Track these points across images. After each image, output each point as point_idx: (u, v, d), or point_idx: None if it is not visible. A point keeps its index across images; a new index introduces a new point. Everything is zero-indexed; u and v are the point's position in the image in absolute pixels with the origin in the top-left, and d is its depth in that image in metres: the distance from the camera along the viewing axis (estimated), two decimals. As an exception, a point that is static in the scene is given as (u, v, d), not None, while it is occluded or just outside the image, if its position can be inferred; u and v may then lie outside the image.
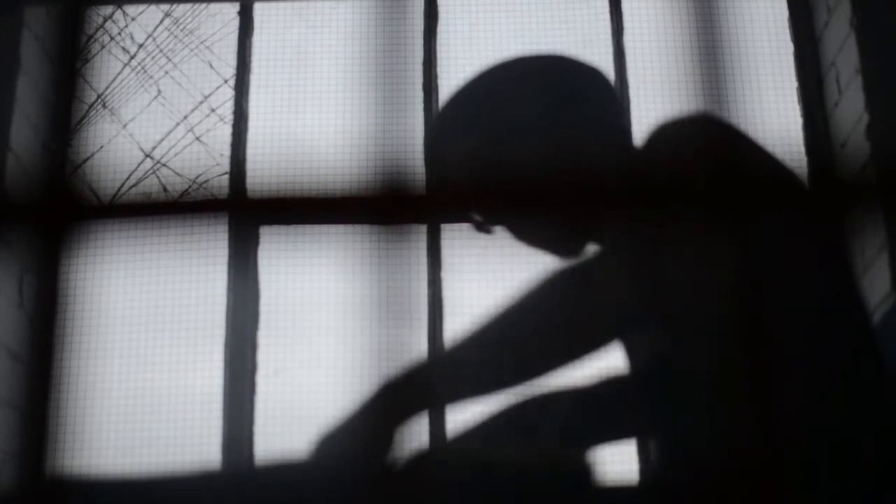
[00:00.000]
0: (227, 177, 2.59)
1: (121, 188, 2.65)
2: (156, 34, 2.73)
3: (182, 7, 2.74)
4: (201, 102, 2.66)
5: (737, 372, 0.58)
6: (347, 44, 2.65)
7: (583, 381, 1.26)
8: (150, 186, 2.61)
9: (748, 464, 0.60)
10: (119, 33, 2.72)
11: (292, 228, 2.27)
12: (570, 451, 1.18)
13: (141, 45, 2.71)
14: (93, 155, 2.63)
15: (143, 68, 2.70)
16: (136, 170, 2.63)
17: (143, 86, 2.68)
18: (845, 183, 0.57)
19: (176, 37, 2.72)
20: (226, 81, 2.66)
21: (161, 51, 2.71)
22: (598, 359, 1.14)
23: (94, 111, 2.66)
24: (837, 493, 1.00)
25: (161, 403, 2.37)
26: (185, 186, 2.63)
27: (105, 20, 2.71)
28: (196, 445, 2.35)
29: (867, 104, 2.33)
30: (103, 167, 2.62)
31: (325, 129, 2.60)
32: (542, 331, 1.12)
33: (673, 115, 1.14)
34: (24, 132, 2.46)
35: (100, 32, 2.70)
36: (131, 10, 2.73)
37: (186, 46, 2.71)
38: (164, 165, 2.65)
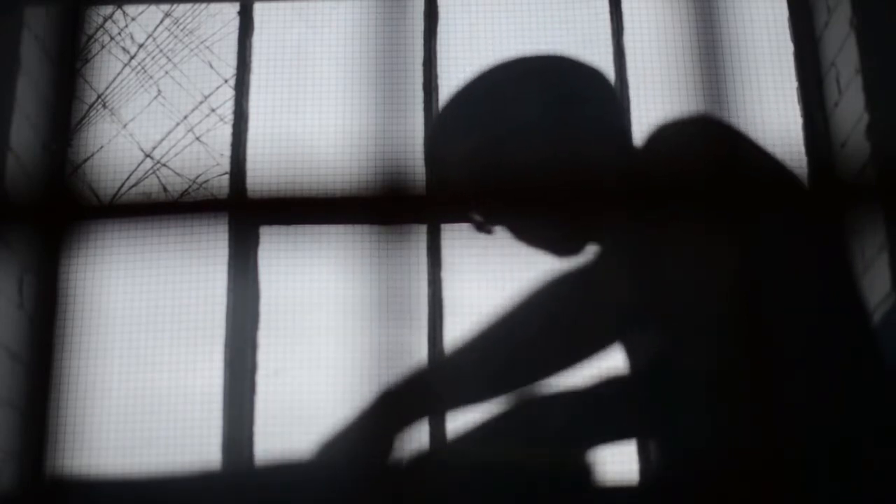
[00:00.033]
0: (227, 177, 2.59)
1: (121, 188, 2.65)
2: (156, 34, 2.72)
3: (182, 7, 2.74)
4: (201, 102, 2.66)
5: (737, 372, 0.58)
6: (347, 44, 2.65)
7: (583, 381, 1.26)
8: (150, 186, 2.61)
9: (748, 464, 0.60)
10: (119, 33, 2.72)
11: (292, 228, 2.27)
12: (570, 451, 1.18)
13: (141, 45, 2.71)
14: (93, 155, 2.63)
15: (143, 68, 2.70)
16: (136, 170, 2.63)
17: (143, 86, 2.68)
18: (845, 183, 0.57)
19: (176, 37, 2.72)
20: (226, 81, 2.66)
21: (161, 51, 2.71)
22: (599, 359, 1.14)
23: (94, 111, 2.66)
24: (837, 493, 1.00)
25: (161, 403, 2.37)
26: (185, 186, 2.63)
27: (105, 20, 2.71)
28: (196, 445, 2.35)
29: (867, 104, 2.33)
30: (103, 167, 2.62)
31: (325, 129, 2.60)
32: (544, 333, 1.12)
33: (673, 116, 1.14)
34: (24, 132, 2.46)
35: (100, 32, 2.70)
36: (131, 10, 2.73)
37: (186, 46, 2.71)
38: (164, 165, 2.65)
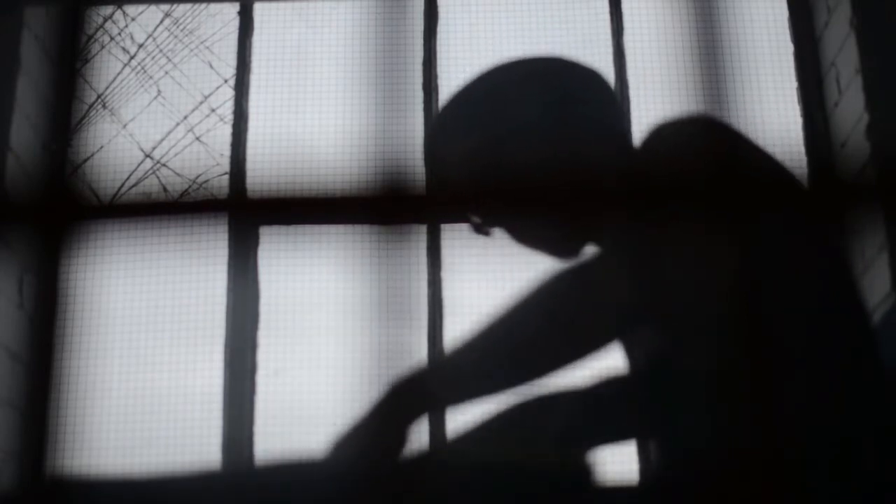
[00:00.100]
0: (227, 177, 2.59)
1: (121, 188, 2.65)
2: (156, 34, 2.72)
3: (182, 7, 2.74)
4: (201, 102, 2.66)
5: (737, 372, 0.58)
6: (347, 44, 2.65)
7: (583, 381, 1.26)
8: (150, 186, 2.61)
9: (748, 464, 0.60)
10: (119, 33, 2.72)
11: (292, 228, 2.27)
12: (570, 451, 1.18)
13: (141, 45, 2.71)
14: (93, 155, 2.63)
15: (143, 68, 2.70)
16: (136, 170, 2.63)
17: (143, 86, 2.68)
18: (845, 183, 0.57)
19: (176, 37, 2.72)
20: (226, 81, 2.66)
21: (161, 51, 2.71)
22: (599, 359, 1.14)
23: (94, 111, 2.66)
24: (837, 493, 1.00)
25: (161, 403, 2.37)
26: (185, 186, 2.63)
27: (105, 20, 2.71)
28: (196, 445, 2.35)
29: (867, 104, 2.33)
30: (103, 167, 2.62)
31: (325, 129, 2.60)
32: (543, 332, 1.12)
33: (672, 116, 1.14)
34: (24, 132, 2.46)
35: (100, 32, 2.70)
36: (131, 10, 2.73)
37: (186, 46, 2.71)
38: (164, 165, 2.65)
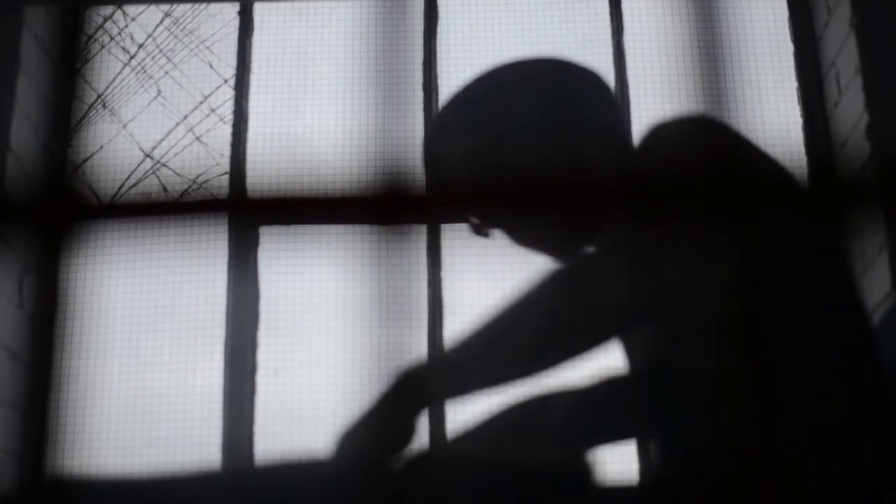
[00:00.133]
0: (227, 177, 2.59)
1: (121, 188, 2.65)
2: (156, 34, 2.72)
3: (182, 7, 2.74)
4: (201, 102, 2.66)
5: (737, 372, 0.58)
6: (347, 44, 2.65)
7: (583, 381, 1.26)
8: (150, 186, 2.61)
9: (748, 464, 0.60)
10: (119, 33, 2.72)
11: (292, 228, 2.27)
12: (570, 451, 1.18)
13: (141, 45, 2.71)
14: (93, 155, 2.63)
15: (143, 68, 2.70)
16: (136, 170, 2.63)
17: (143, 86, 2.68)
18: (845, 183, 0.57)
19: (176, 37, 2.72)
20: (226, 81, 2.66)
21: (161, 51, 2.71)
22: (598, 358, 1.14)
23: (94, 111, 2.66)
24: (837, 493, 1.00)
25: (161, 403, 2.37)
26: (185, 186, 2.63)
27: (105, 20, 2.71)
28: (196, 445, 2.35)
29: (867, 104, 2.33)
30: (103, 167, 2.62)
31: (325, 129, 2.60)
32: (542, 328, 1.12)
33: (671, 116, 1.14)
34: (24, 132, 2.46)
35: (100, 32, 2.70)
36: (131, 10, 2.73)
37: (186, 46, 2.71)
38: (164, 165, 2.65)
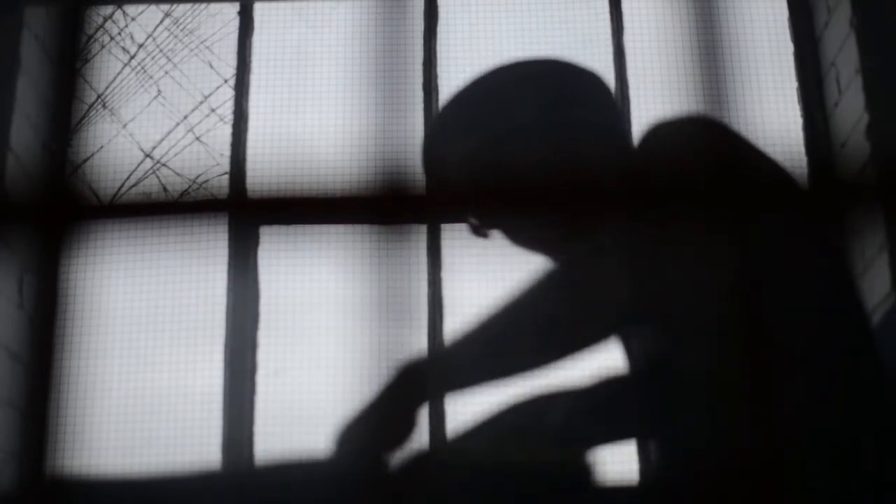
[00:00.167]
0: (227, 177, 2.59)
1: (121, 188, 2.65)
2: (156, 34, 2.72)
3: (182, 7, 2.74)
4: (201, 102, 2.66)
5: (737, 372, 0.58)
6: (347, 44, 2.65)
7: (583, 381, 1.26)
8: (150, 186, 2.61)
9: (748, 464, 0.60)
10: (119, 33, 2.72)
11: (292, 228, 2.27)
12: (570, 451, 1.18)
13: (141, 45, 2.71)
14: (93, 155, 2.63)
15: (143, 68, 2.70)
16: (136, 170, 2.63)
17: (143, 86, 2.68)
18: (845, 183, 0.57)
19: (176, 37, 2.72)
20: (226, 81, 2.66)
21: (161, 51, 2.71)
22: (598, 358, 1.14)
23: (94, 111, 2.66)
24: (837, 493, 1.00)
25: (161, 403, 2.37)
26: (185, 186, 2.63)
27: (105, 20, 2.71)
28: (196, 445, 2.35)
29: (867, 104, 2.33)
30: (103, 167, 2.62)
31: (325, 129, 2.60)
32: (543, 324, 1.11)
33: (670, 116, 1.14)
34: (24, 132, 2.46)
35: (100, 32, 2.70)
36: (131, 10, 2.73)
37: (186, 46, 2.71)
38: (164, 165, 2.65)
